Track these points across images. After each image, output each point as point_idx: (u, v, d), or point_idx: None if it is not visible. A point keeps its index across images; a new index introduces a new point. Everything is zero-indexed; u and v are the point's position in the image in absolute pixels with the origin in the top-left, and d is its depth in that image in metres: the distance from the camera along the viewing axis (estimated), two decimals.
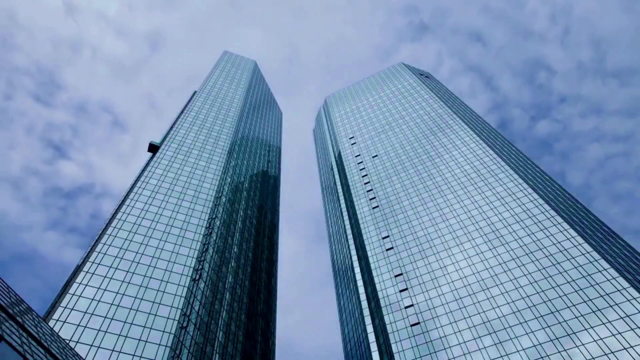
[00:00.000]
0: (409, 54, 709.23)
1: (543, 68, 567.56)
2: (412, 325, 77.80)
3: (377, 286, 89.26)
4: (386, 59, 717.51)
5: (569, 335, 64.33)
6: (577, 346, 62.54)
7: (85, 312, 61.63)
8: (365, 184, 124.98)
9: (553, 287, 72.12)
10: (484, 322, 72.48)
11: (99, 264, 70.55)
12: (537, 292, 72.59)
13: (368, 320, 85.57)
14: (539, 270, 76.08)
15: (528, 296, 72.80)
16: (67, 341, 56.37)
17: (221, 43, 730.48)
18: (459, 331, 73.01)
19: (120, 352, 58.43)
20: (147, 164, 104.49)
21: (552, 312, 68.50)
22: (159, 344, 61.39)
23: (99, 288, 66.31)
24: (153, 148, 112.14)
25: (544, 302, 70.58)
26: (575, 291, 69.77)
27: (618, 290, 66.62)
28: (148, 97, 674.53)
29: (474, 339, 70.78)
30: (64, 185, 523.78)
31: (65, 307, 61.21)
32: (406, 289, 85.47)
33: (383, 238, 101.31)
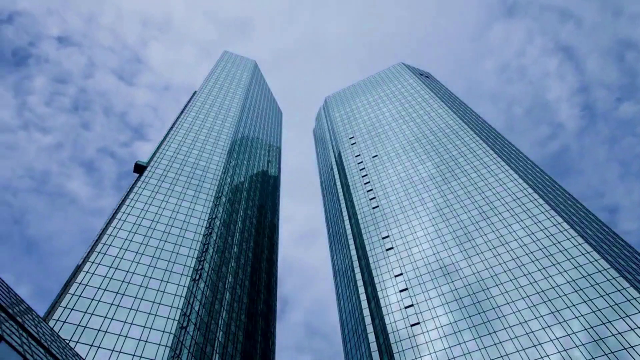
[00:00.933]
0: (500, 33, 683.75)
1: (632, 49, 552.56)
2: (412, 325, 77.80)
3: (377, 286, 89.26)
4: (479, 38, 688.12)
5: (569, 335, 64.35)
6: (577, 346, 62.55)
7: (85, 312, 61.63)
8: (365, 184, 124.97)
9: (553, 287, 72.13)
10: (483, 323, 72.48)
11: (99, 264, 70.56)
12: (537, 292, 72.56)
13: (368, 320, 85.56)
14: (539, 270, 76.08)
15: (528, 296, 72.78)
16: (67, 341, 56.37)
17: (306, 31, 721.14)
18: (459, 331, 73.02)
19: (120, 352, 58.44)
20: (147, 164, 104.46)
21: (552, 312, 68.52)
22: (159, 344, 61.40)
23: (99, 288, 66.31)
24: (139, 168, 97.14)
25: (544, 302, 70.57)
26: (575, 291, 69.77)
27: (618, 291, 66.62)
28: None
29: (474, 339, 70.80)
30: None
31: (65, 307, 61.22)
32: (406, 289, 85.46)
33: (383, 238, 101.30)
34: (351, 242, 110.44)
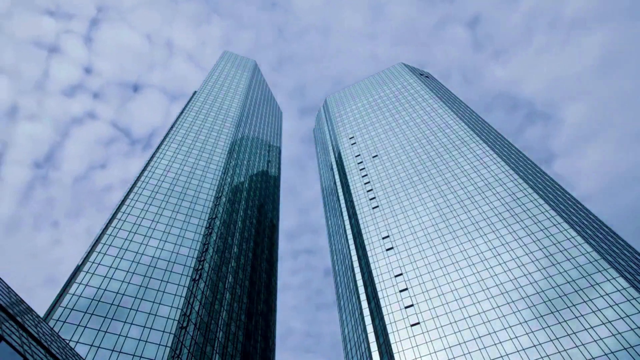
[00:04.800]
0: None
1: None
2: (412, 325, 77.81)
3: (377, 286, 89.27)
4: None
5: (569, 335, 64.36)
6: (577, 346, 62.57)
7: (85, 312, 61.64)
8: (365, 184, 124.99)
9: (553, 287, 72.14)
10: (483, 322, 72.48)
11: (99, 264, 70.58)
12: (537, 292, 72.58)
13: (368, 320, 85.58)
14: (539, 270, 76.08)
15: (528, 296, 72.79)
16: (67, 341, 56.37)
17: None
18: (459, 331, 73.02)
19: (120, 352, 58.46)
20: (147, 165, 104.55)
21: (552, 312, 68.52)
22: (159, 344, 61.41)
23: (99, 288, 66.33)
24: None
25: (544, 302, 70.58)
26: (575, 291, 69.78)
27: (618, 290, 66.62)
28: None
29: (474, 339, 70.78)
30: None
31: (65, 307, 61.23)
32: (406, 289, 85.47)
33: (383, 238, 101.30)
34: (351, 242, 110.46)
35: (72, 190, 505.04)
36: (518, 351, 65.75)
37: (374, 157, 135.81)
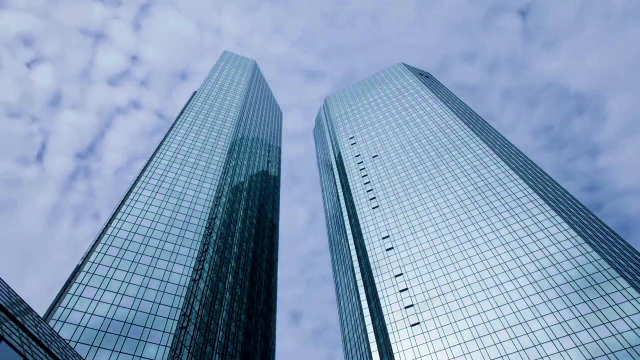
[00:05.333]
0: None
1: None
2: (412, 325, 77.80)
3: (377, 286, 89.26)
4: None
5: (569, 335, 64.36)
6: (576, 346, 62.58)
7: (85, 312, 61.65)
8: (365, 184, 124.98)
9: (553, 287, 72.13)
10: (484, 322, 72.47)
11: (99, 264, 70.57)
12: (537, 292, 72.57)
13: (368, 320, 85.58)
14: (539, 270, 76.07)
15: (528, 296, 72.79)
16: (67, 341, 56.38)
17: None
18: (459, 331, 73.01)
19: (120, 352, 58.46)
20: (147, 164, 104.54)
21: (552, 312, 68.52)
22: (159, 344, 61.42)
23: (99, 288, 66.33)
24: None
25: (544, 302, 70.58)
26: (575, 291, 69.78)
27: (618, 291, 66.63)
28: None
29: (474, 339, 70.78)
30: None
31: (65, 307, 61.24)
32: (406, 289, 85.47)
33: (383, 238, 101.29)
34: (351, 242, 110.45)
35: (113, 181, 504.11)
36: (518, 351, 65.74)
37: (374, 157, 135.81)
